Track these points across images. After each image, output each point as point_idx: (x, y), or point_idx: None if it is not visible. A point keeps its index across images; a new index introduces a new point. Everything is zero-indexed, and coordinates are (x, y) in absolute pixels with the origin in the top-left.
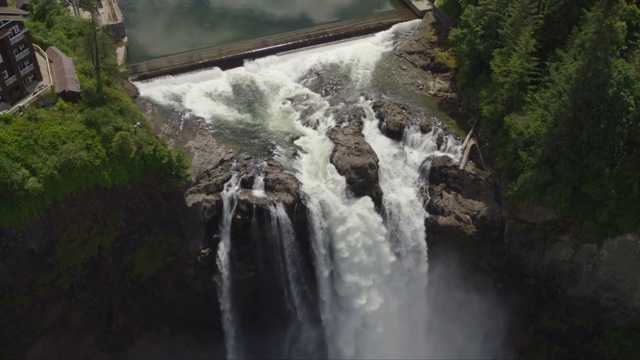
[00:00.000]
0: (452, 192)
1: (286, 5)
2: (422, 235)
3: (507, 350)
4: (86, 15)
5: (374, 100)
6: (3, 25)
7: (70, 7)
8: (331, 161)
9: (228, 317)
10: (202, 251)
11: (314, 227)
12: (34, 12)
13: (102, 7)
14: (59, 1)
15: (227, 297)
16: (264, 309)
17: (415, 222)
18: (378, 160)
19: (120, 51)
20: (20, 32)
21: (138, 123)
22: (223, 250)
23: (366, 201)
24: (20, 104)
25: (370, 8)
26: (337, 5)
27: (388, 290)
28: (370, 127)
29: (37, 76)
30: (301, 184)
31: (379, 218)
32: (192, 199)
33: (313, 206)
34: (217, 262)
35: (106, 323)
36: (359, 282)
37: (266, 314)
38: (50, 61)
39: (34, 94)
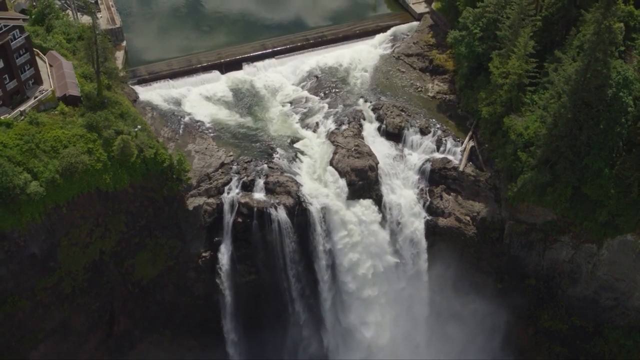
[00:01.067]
0: (452, 193)
1: (284, 8)
2: (423, 258)
3: (507, 351)
4: (85, 19)
5: (373, 103)
6: (4, 29)
7: (69, 12)
8: (331, 164)
9: (229, 321)
10: (203, 254)
11: (318, 249)
12: (33, 16)
13: (100, 11)
14: (57, 6)
15: (228, 300)
16: (264, 313)
17: (418, 245)
18: (378, 163)
19: (119, 55)
20: (20, 36)
21: (139, 127)
22: (224, 254)
23: (372, 211)
24: (21, 108)
25: (368, 11)
26: (335, 9)
27: (394, 317)
28: (370, 130)
29: (37, 80)
30: (302, 186)
31: (387, 237)
32: (193, 202)
33: (315, 220)
34: (218, 266)
35: (108, 327)
36: (366, 317)
37: (267, 317)
38: (50, 65)
39: (35, 98)
